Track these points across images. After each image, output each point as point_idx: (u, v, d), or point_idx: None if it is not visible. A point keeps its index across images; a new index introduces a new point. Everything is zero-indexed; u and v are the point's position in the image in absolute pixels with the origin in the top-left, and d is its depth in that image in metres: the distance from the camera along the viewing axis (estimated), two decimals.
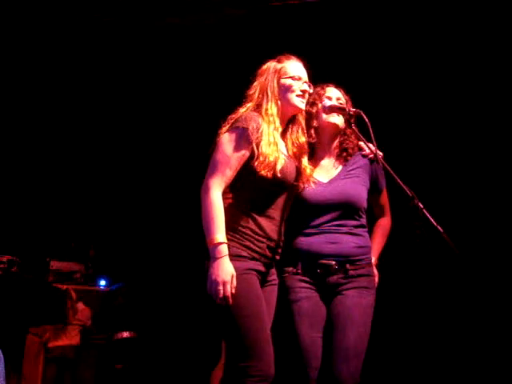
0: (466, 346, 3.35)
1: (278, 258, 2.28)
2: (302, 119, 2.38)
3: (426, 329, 3.44)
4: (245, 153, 2.18)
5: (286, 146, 2.33)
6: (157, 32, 4.05)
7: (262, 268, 2.19)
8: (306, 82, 2.33)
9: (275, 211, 2.24)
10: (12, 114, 4.30)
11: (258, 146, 2.17)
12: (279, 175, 2.18)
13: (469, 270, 3.18)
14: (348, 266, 2.32)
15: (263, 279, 2.21)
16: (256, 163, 2.16)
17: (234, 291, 2.04)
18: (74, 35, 4.08)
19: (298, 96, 2.29)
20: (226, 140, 2.19)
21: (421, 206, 2.07)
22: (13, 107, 4.30)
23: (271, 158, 2.16)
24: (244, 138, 2.17)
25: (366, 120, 2.23)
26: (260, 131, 2.18)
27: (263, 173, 2.15)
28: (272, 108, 2.25)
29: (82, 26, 3.98)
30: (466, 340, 3.35)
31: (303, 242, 2.38)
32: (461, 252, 2.06)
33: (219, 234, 2.07)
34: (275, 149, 2.19)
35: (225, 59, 3.98)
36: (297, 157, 2.33)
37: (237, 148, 2.17)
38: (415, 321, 3.46)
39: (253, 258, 2.16)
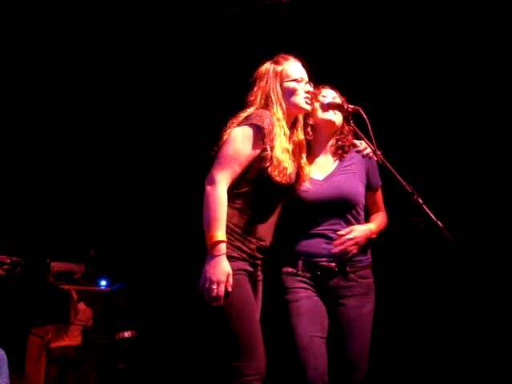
0: (466, 344, 3.33)
1: (264, 257, 2.26)
2: (301, 117, 2.36)
3: (427, 327, 3.42)
4: (257, 152, 2.14)
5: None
6: (153, 32, 4.06)
7: (249, 268, 2.18)
8: (307, 83, 2.30)
9: (271, 212, 2.23)
10: (13, 114, 4.30)
11: (271, 148, 2.13)
12: (289, 181, 2.17)
13: (470, 265, 3.19)
14: (348, 268, 2.31)
15: (250, 277, 2.20)
16: (270, 168, 2.12)
17: (229, 289, 2.02)
18: (74, 36, 4.10)
19: (304, 98, 2.26)
20: (240, 136, 2.14)
21: (421, 201, 2.07)
22: (14, 108, 4.30)
23: (286, 165, 2.14)
24: (259, 137, 2.13)
25: (365, 117, 2.21)
26: (274, 133, 2.14)
27: (278, 178, 2.12)
28: (278, 112, 2.21)
29: (80, 26, 4.00)
30: (467, 338, 3.33)
31: (302, 242, 2.36)
32: (461, 247, 2.06)
33: (220, 231, 2.05)
34: (288, 156, 2.17)
35: (218, 58, 3.98)
36: (296, 155, 2.31)
37: (250, 145, 2.12)
38: (416, 320, 3.45)
39: (243, 259, 2.15)
